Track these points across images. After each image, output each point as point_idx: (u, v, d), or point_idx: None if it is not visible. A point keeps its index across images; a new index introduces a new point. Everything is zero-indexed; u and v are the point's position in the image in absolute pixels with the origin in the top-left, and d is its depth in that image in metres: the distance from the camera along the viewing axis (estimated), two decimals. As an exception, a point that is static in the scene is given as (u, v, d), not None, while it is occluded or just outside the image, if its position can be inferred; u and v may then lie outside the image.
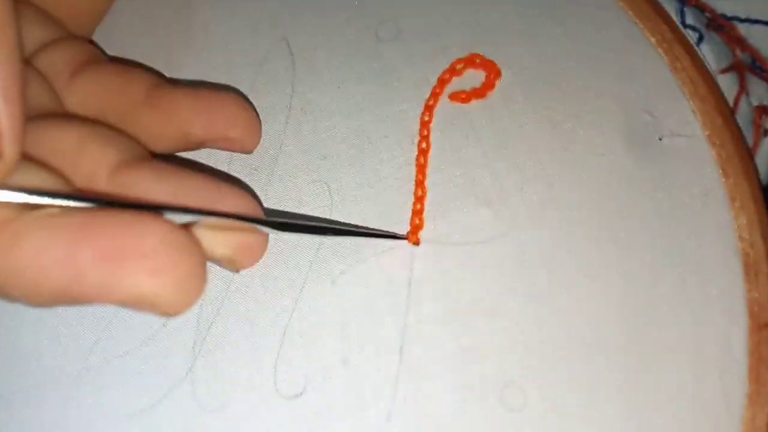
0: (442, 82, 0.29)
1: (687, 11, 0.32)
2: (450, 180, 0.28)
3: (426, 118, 0.28)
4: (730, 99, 0.33)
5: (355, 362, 0.26)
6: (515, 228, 0.27)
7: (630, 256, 0.27)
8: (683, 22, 0.31)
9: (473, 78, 0.29)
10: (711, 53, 0.33)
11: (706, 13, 0.37)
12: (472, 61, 0.29)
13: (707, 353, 0.26)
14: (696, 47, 0.30)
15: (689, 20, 0.32)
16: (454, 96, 0.29)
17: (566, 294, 0.26)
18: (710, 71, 0.30)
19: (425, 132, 0.28)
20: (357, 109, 0.29)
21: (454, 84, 0.29)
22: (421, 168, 0.27)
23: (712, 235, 0.27)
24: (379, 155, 0.28)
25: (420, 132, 0.28)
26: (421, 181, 0.27)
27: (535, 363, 0.25)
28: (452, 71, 0.29)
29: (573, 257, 0.27)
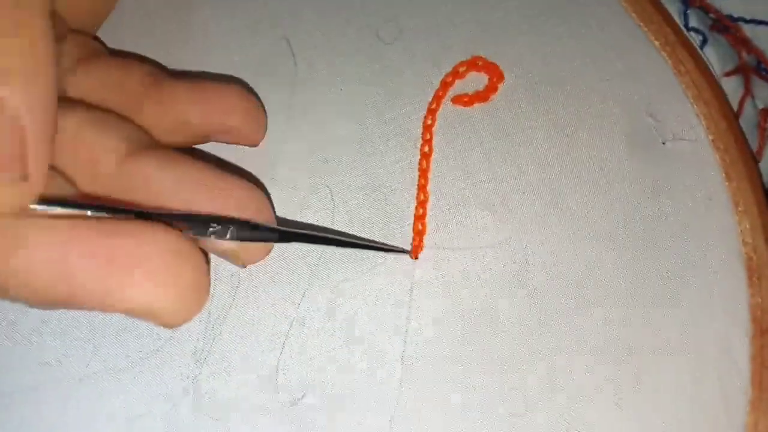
0: (444, 84, 0.29)
1: (691, 13, 0.32)
2: (452, 184, 0.28)
3: (429, 121, 0.28)
4: (735, 101, 0.33)
5: (356, 368, 0.26)
6: (517, 232, 0.27)
7: (633, 260, 0.27)
8: (687, 25, 0.31)
9: (476, 81, 0.29)
10: (715, 55, 0.33)
11: (711, 14, 0.37)
12: (474, 63, 0.29)
13: (709, 358, 0.26)
14: (700, 50, 0.30)
15: (693, 23, 0.32)
16: (457, 99, 0.28)
17: (568, 298, 0.26)
18: (714, 75, 0.29)
19: (428, 135, 0.28)
20: (359, 111, 0.29)
21: (456, 87, 0.29)
22: (423, 172, 0.27)
23: (716, 239, 0.27)
24: (381, 158, 0.28)
25: (423, 135, 0.28)
26: (423, 185, 0.27)
27: (536, 367, 0.25)
28: (455, 74, 0.29)
29: (575, 261, 0.26)
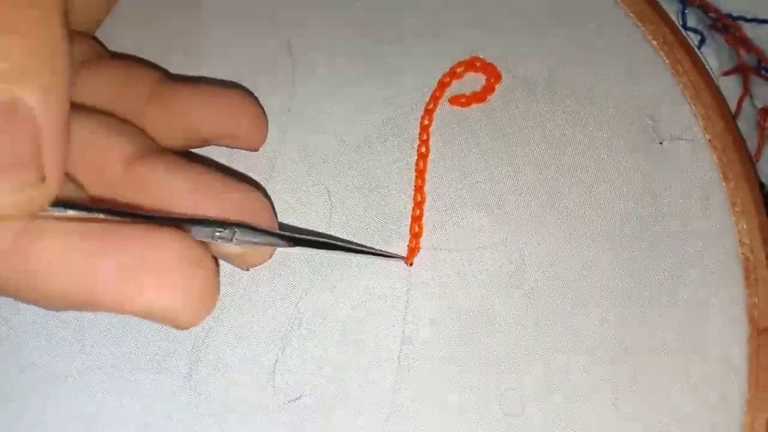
0: (442, 85, 0.29)
1: (689, 13, 0.32)
2: (449, 185, 0.28)
3: (426, 122, 0.28)
4: (733, 101, 0.33)
5: (353, 366, 0.26)
6: (514, 233, 0.27)
7: (629, 260, 0.27)
8: (684, 25, 0.31)
9: (473, 81, 0.29)
10: (713, 55, 0.33)
11: (711, 13, 0.37)
12: (472, 64, 0.29)
13: (706, 358, 0.26)
14: (697, 50, 0.30)
15: (690, 22, 0.32)
16: (454, 100, 0.29)
17: (564, 299, 0.26)
18: (712, 75, 0.29)
19: (425, 136, 0.28)
20: (357, 112, 0.29)
21: (454, 87, 0.29)
22: (420, 173, 0.28)
23: (713, 239, 0.27)
24: (379, 159, 0.28)
25: (420, 136, 0.28)
26: (420, 186, 0.27)
27: (533, 367, 0.26)
28: (452, 74, 0.29)
29: (572, 261, 0.27)
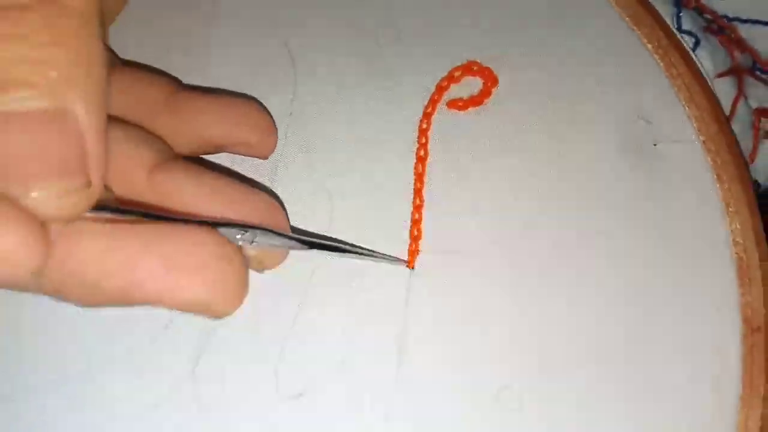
0: (440, 89, 0.29)
1: (683, 16, 0.32)
2: (447, 189, 0.28)
3: (424, 125, 0.29)
4: (727, 102, 0.34)
5: (354, 365, 0.26)
6: (511, 236, 0.27)
7: (625, 261, 0.27)
8: (679, 27, 0.32)
9: (471, 84, 0.30)
10: (708, 57, 0.33)
11: (706, 14, 0.37)
12: (469, 68, 0.29)
13: (701, 357, 0.26)
14: (692, 53, 0.30)
15: (686, 25, 0.32)
16: (452, 104, 0.29)
17: (561, 300, 0.27)
18: (706, 77, 0.30)
19: (423, 140, 0.29)
20: (357, 115, 0.29)
21: (452, 91, 0.29)
22: (419, 177, 0.28)
23: (707, 239, 0.27)
24: (379, 163, 0.29)
25: (418, 140, 0.29)
26: (419, 189, 0.28)
27: (530, 367, 0.26)
28: (450, 78, 0.29)
29: (568, 264, 0.27)
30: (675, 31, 0.31)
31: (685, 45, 0.30)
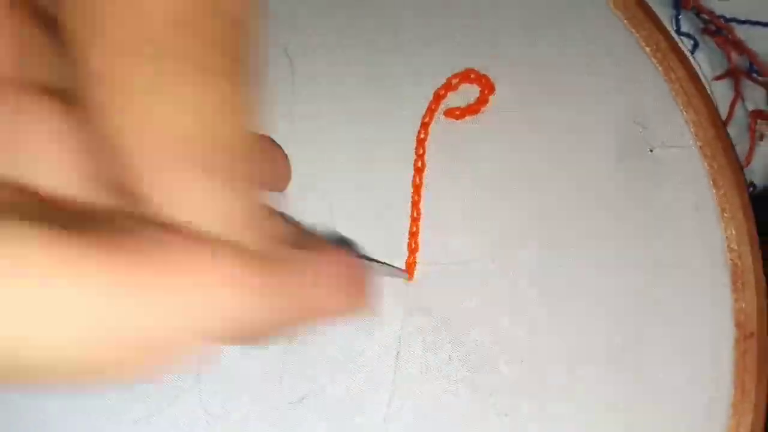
0: (437, 97, 0.29)
1: (682, 18, 0.32)
2: (444, 199, 0.28)
3: (422, 135, 0.29)
4: (724, 105, 0.34)
5: (353, 369, 0.27)
6: (508, 245, 0.28)
7: (620, 266, 0.27)
8: (678, 30, 0.31)
9: (468, 92, 0.30)
10: (706, 60, 0.33)
11: (703, 15, 0.37)
12: (467, 76, 0.30)
13: (694, 362, 0.26)
14: (691, 56, 0.30)
15: (684, 27, 0.32)
16: (449, 113, 0.29)
17: (557, 306, 0.27)
18: (704, 82, 0.30)
19: (421, 150, 0.29)
20: (356, 122, 0.29)
21: (449, 99, 0.30)
22: (416, 188, 0.28)
23: (702, 245, 0.28)
24: (377, 174, 0.29)
25: (416, 150, 0.29)
26: (416, 201, 0.28)
27: (526, 369, 0.26)
28: (448, 87, 0.29)
29: (564, 270, 0.27)
30: (674, 33, 0.31)
31: (683, 48, 0.30)
